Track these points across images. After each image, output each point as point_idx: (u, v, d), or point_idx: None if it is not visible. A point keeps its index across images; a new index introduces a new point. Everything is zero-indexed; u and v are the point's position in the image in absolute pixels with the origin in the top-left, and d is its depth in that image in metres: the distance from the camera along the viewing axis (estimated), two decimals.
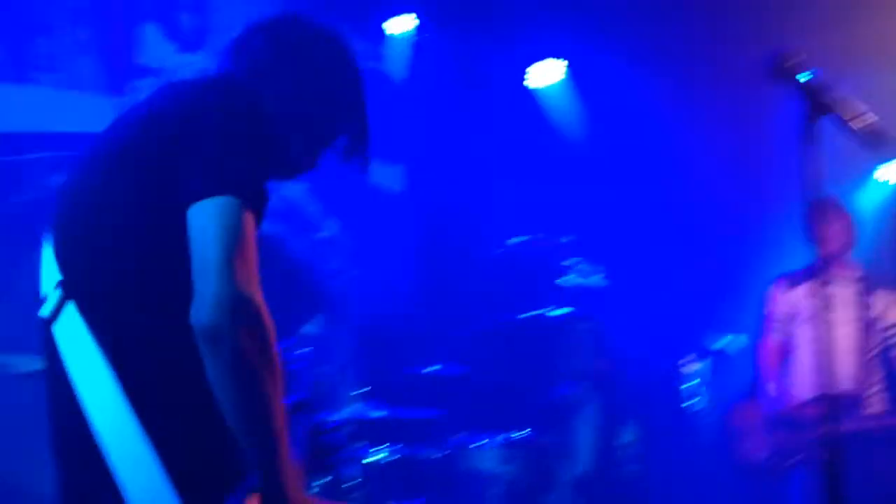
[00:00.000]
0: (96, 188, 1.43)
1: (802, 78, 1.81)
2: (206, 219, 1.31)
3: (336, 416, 3.27)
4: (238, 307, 1.26)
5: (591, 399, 4.36)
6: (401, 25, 5.39)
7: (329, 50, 1.67)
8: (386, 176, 5.63)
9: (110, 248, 1.39)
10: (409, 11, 5.38)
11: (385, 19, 5.39)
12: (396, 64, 5.65)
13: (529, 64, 5.77)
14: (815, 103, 1.82)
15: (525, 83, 5.82)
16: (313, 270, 4.53)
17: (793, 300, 3.96)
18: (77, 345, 1.37)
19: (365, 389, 3.28)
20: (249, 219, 1.33)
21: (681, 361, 4.63)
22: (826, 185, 1.80)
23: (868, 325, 3.89)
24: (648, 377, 4.79)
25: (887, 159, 5.20)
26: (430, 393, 3.96)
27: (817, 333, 3.78)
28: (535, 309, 4.45)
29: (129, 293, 1.38)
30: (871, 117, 1.82)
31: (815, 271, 3.81)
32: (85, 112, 3.95)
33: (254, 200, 1.35)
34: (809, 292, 3.77)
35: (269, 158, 1.43)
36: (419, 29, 5.39)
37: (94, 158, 1.47)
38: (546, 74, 5.76)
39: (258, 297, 1.29)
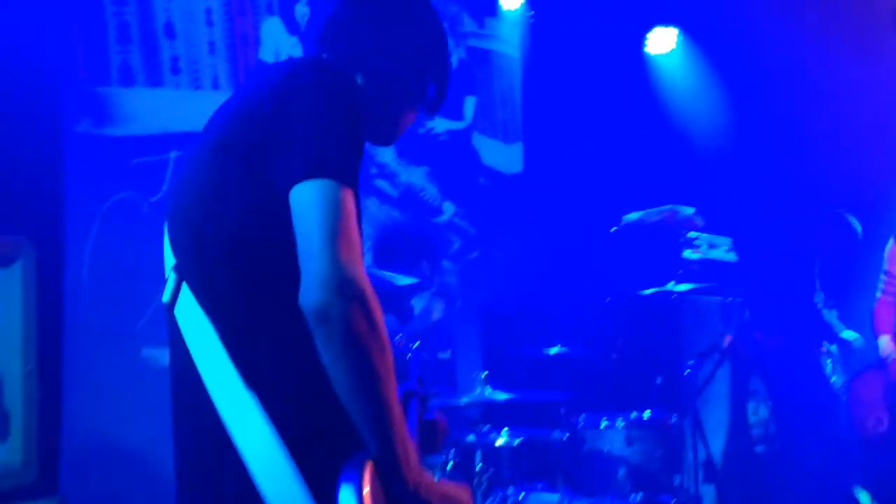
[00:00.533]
0: (201, 174, 1.47)
1: None
2: (307, 202, 1.32)
3: (459, 400, 3.31)
4: (344, 287, 1.27)
5: (720, 376, 4.23)
6: (514, 1, 5.35)
7: (407, 3, 1.68)
8: (504, 157, 5.63)
9: (217, 233, 1.42)
10: None
11: None
12: (510, 41, 5.62)
13: (644, 32, 5.62)
14: None
15: (645, 49, 5.67)
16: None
17: None
18: (194, 326, 1.41)
19: (485, 373, 3.29)
20: (349, 197, 1.34)
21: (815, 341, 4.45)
22: None
23: None
24: (780, 354, 4.60)
25: None
26: (552, 374, 3.95)
27: None
28: (659, 284, 4.34)
29: (237, 276, 1.41)
30: None
31: None
32: (211, 110, 4.13)
33: (351, 178, 1.36)
34: None
35: (361, 134, 1.44)
36: (530, 3, 5.34)
37: (199, 146, 1.52)
38: (662, 41, 5.60)
39: (364, 275, 1.30)
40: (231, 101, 1.55)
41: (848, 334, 4.69)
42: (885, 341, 4.11)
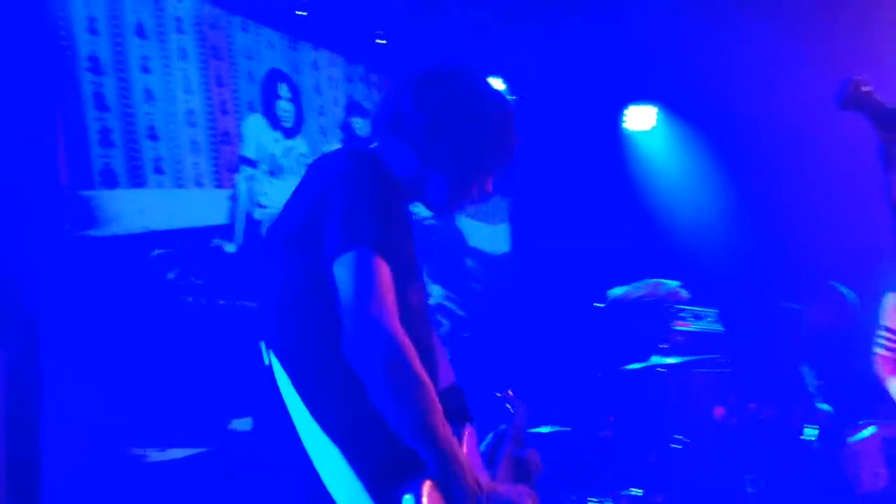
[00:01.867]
0: (277, 259, 1.76)
1: (873, 103, 1.74)
2: (341, 272, 1.61)
3: None
4: (372, 338, 1.54)
5: (708, 449, 4.18)
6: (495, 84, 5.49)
7: (466, 96, 1.87)
8: (490, 237, 5.69)
9: (284, 305, 1.73)
10: (497, 75, 5.48)
11: None
12: None
13: (621, 110, 5.76)
14: (890, 128, 1.74)
15: (623, 126, 5.79)
16: None
17: None
18: (284, 384, 1.68)
19: None
20: (378, 262, 1.60)
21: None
22: None
23: None
24: (773, 425, 4.55)
25: None
26: (543, 454, 3.90)
27: None
28: (645, 359, 4.33)
29: (306, 338, 1.69)
30: None
31: None
32: (194, 207, 4.21)
33: (378, 243, 1.61)
34: None
35: (388, 206, 1.68)
36: (511, 86, 5.49)
37: (274, 232, 1.80)
38: (640, 119, 5.73)
39: (391, 323, 1.56)
40: (293, 193, 1.81)
41: (823, 406, 4.66)
42: (893, 383, 4.00)
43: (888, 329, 4.05)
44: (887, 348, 4.05)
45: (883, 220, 1.72)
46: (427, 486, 1.50)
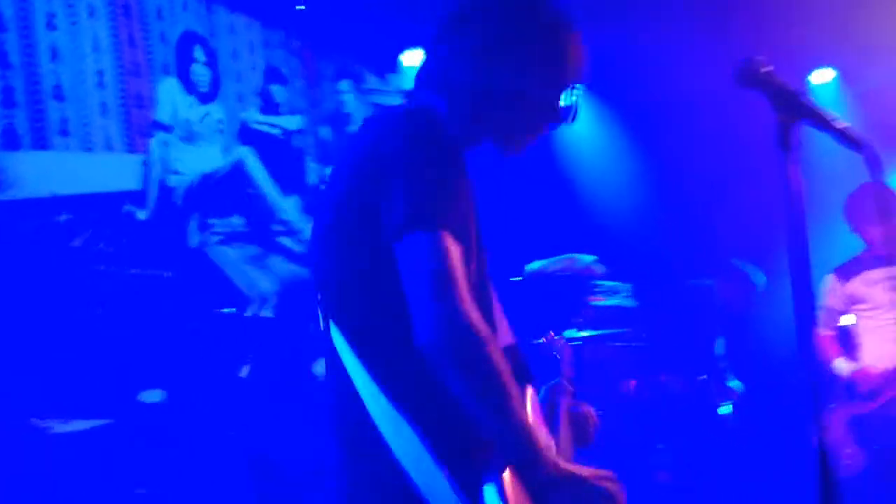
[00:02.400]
0: (330, 229, 1.61)
1: (774, 83, 1.78)
2: (403, 257, 1.47)
3: None
4: (443, 332, 1.41)
5: (621, 419, 4.29)
6: (416, 58, 5.45)
7: (521, 14, 1.69)
8: None
9: (345, 280, 1.58)
10: (421, 44, 5.44)
11: (400, 51, 5.45)
12: None
13: None
14: (789, 108, 1.78)
15: None
16: None
17: (854, 291, 3.96)
18: (344, 351, 1.57)
19: None
20: (447, 240, 1.45)
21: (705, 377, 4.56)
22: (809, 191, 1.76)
23: None
24: (683, 397, 4.70)
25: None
26: None
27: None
28: (560, 332, 4.40)
29: (370, 316, 1.56)
30: (842, 121, 1.78)
31: (875, 260, 3.87)
32: (104, 172, 4.08)
33: (445, 220, 1.46)
34: (881, 280, 3.82)
35: (456, 174, 1.53)
36: None
37: (325, 201, 1.65)
38: None
39: (465, 307, 1.42)
40: (343, 156, 1.67)
41: (734, 383, 4.83)
42: (841, 363, 3.94)
43: (828, 308, 4.04)
44: (828, 326, 4.04)
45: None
46: (508, 476, 1.44)
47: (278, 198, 4.93)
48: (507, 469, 1.45)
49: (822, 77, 5.48)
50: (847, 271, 4.01)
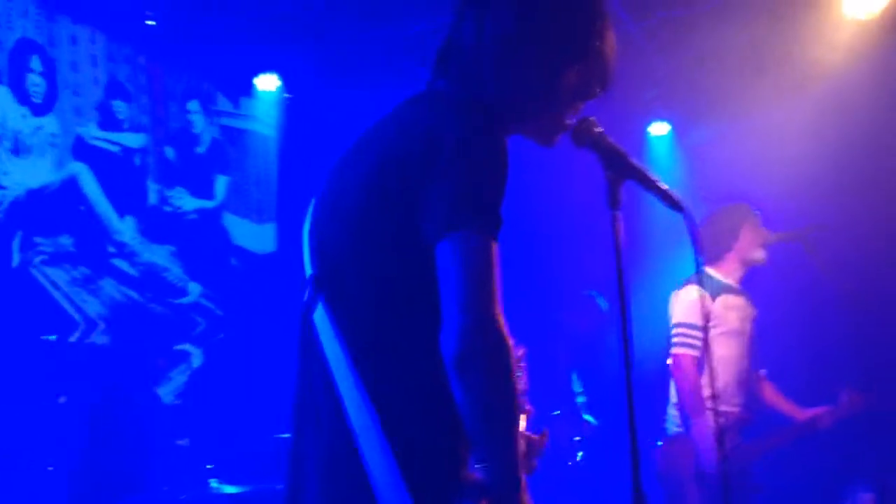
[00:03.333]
0: (351, 209, 1.49)
1: (602, 143, 1.87)
2: (450, 254, 1.37)
3: (180, 495, 3.13)
4: (481, 339, 1.33)
5: None
6: (270, 83, 5.36)
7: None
8: (256, 236, 5.55)
9: (362, 266, 1.46)
10: (274, 69, 5.37)
11: (255, 74, 5.36)
12: (266, 120, 5.62)
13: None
14: (617, 168, 1.88)
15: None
16: None
17: (714, 310, 3.61)
18: (328, 336, 1.46)
19: (210, 465, 3.15)
20: (491, 247, 1.38)
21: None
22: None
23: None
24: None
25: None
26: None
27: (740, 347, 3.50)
28: None
29: (377, 307, 1.44)
30: (664, 183, 1.91)
31: (730, 288, 3.80)
32: None
33: (492, 227, 1.39)
34: (728, 304, 3.63)
35: (504, 178, 1.44)
36: (285, 86, 5.39)
37: (348, 176, 1.54)
38: None
39: (500, 323, 1.35)
40: (376, 137, 1.55)
41: (588, 418, 4.97)
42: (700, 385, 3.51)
43: (686, 325, 3.57)
44: (690, 346, 3.55)
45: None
46: None
47: (114, 218, 4.69)
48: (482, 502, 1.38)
49: (658, 130, 5.82)
50: (710, 290, 3.62)
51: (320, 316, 1.49)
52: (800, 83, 5.11)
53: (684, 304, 3.63)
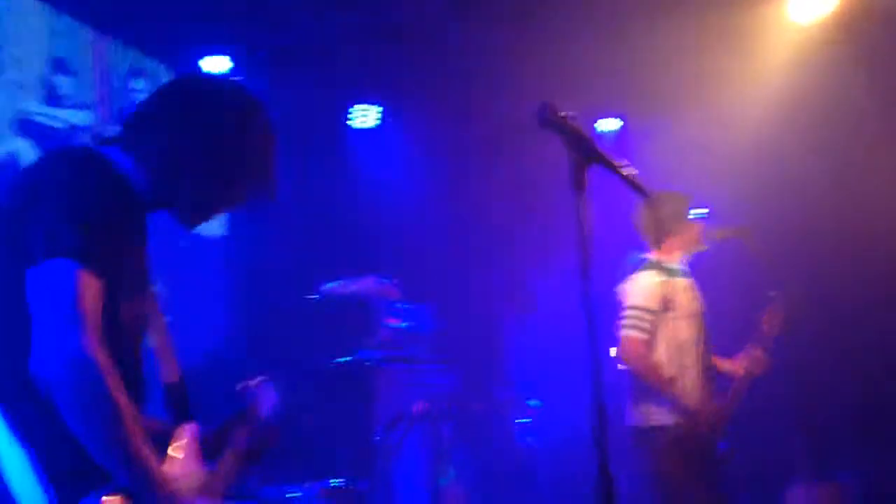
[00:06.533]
0: None
1: (569, 128, 1.89)
2: (38, 280, 1.49)
3: None
4: (60, 365, 1.44)
5: (412, 443, 4.34)
6: (216, 65, 5.27)
7: (215, 110, 1.78)
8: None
9: None
10: (223, 52, 5.28)
11: (201, 56, 5.26)
12: None
13: (348, 106, 5.83)
14: (583, 153, 1.90)
15: (348, 122, 5.86)
16: None
17: (666, 293, 3.66)
18: None
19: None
20: (83, 276, 1.49)
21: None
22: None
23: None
24: (474, 417, 4.85)
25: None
26: None
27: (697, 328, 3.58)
28: (355, 352, 4.40)
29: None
30: (630, 168, 1.94)
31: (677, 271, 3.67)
32: None
33: (84, 256, 1.50)
34: (679, 286, 3.68)
35: (105, 217, 1.57)
36: (235, 70, 5.30)
37: None
38: (364, 118, 5.84)
39: (89, 345, 1.45)
40: (10, 182, 1.67)
41: (533, 402, 5.06)
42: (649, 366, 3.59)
43: (640, 308, 3.60)
44: (640, 328, 3.59)
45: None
46: (115, 499, 1.49)
47: None
48: (112, 496, 1.50)
49: (608, 125, 5.92)
50: (663, 273, 3.70)
51: None
52: (746, 82, 5.24)
53: (640, 287, 3.67)
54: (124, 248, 1.63)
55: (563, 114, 1.88)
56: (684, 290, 3.77)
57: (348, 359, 4.29)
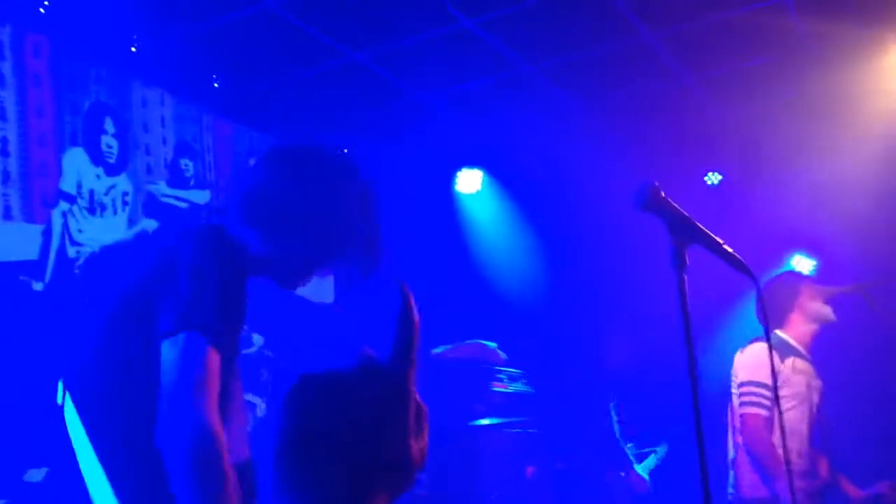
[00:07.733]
0: (98, 321, 1.70)
1: (668, 209, 1.91)
2: (169, 353, 1.57)
3: None
4: (187, 433, 1.50)
5: None
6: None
7: (318, 180, 1.84)
8: (314, 288, 5.65)
9: (101, 368, 1.67)
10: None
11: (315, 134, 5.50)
12: None
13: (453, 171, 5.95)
14: (682, 232, 1.92)
15: (455, 188, 5.99)
16: None
17: (782, 371, 3.51)
18: (74, 424, 1.65)
19: None
20: (209, 350, 1.57)
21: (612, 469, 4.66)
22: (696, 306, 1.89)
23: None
24: (580, 479, 4.79)
25: None
26: None
27: (804, 412, 3.41)
28: (464, 418, 4.44)
29: (108, 406, 1.65)
30: (728, 246, 1.94)
31: (797, 351, 3.51)
32: (8, 242, 3.95)
33: (213, 332, 1.58)
34: (797, 367, 3.56)
35: (235, 294, 1.67)
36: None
37: (98, 288, 1.75)
38: (469, 182, 5.94)
39: (208, 419, 1.52)
40: (126, 255, 1.78)
41: (640, 469, 4.96)
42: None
43: (759, 384, 3.46)
44: (762, 406, 3.45)
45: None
46: None
47: None
48: None
49: (710, 180, 5.84)
50: (780, 351, 3.54)
51: (69, 410, 1.69)
52: (859, 134, 5.09)
53: (752, 362, 3.54)
54: (237, 319, 1.72)
55: (663, 195, 1.89)
56: (799, 372, 3.60)
57: (459, 424, 4.33)
